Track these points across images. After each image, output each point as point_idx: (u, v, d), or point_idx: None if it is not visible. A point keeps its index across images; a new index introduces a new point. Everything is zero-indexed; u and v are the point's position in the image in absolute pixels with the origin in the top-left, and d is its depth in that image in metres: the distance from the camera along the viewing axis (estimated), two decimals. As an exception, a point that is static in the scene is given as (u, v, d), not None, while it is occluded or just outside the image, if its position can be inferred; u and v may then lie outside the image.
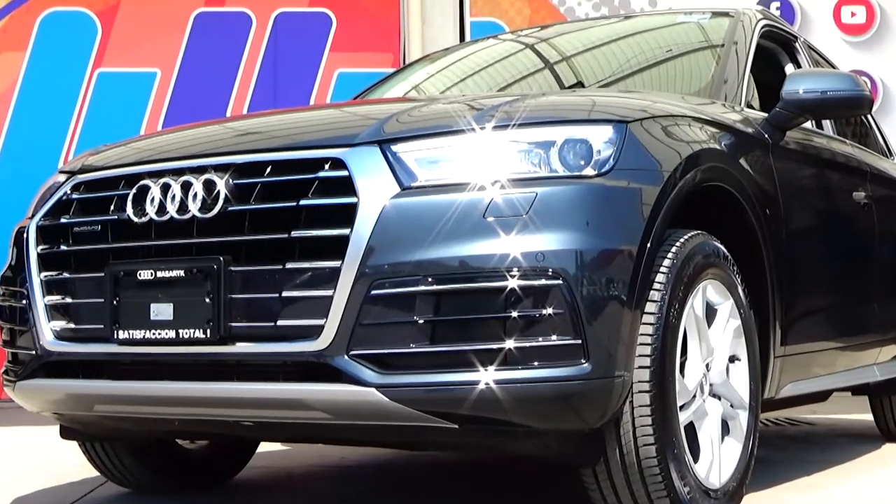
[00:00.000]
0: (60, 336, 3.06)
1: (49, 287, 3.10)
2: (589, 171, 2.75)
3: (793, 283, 3.53)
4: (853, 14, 7.32)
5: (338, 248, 2.68)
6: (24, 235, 3.18)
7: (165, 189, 2.93)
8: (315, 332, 2.67)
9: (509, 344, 2.60)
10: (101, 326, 2.95)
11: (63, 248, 3.11)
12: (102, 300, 2.95)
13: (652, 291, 2.80)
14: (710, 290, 3.07)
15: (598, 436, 2.78)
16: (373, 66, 7.24)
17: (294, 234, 2.73)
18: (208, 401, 2.86)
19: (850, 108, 3.82)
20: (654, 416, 2.76)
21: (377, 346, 2.65)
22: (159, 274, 2.86)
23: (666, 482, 2.79)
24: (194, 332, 2.80)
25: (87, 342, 3.02)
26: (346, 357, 2.65)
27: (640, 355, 2.75)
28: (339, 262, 2.66)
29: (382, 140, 2.79)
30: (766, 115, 3.74)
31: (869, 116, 5.04)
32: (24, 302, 3.14)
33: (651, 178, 2.86)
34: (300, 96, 7.32)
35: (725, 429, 3.14)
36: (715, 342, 3.09)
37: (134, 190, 2.99)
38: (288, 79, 7.39)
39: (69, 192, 3.18)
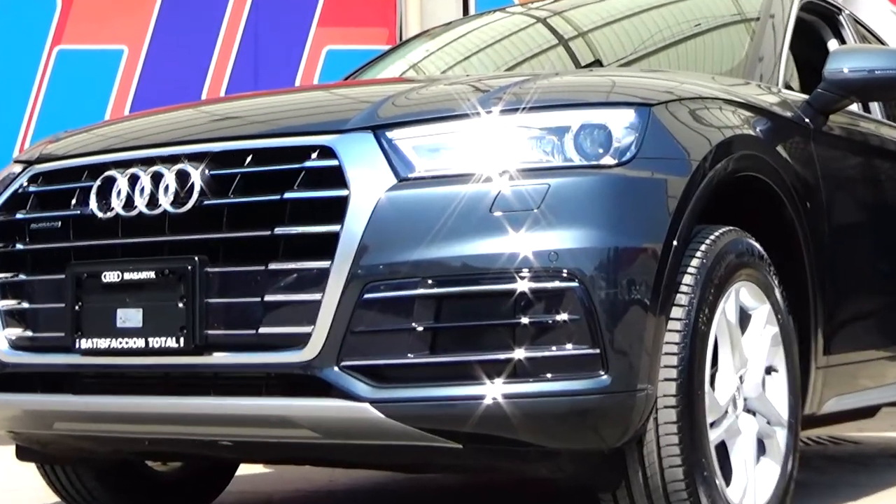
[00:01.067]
0: (16, 345, 3.06)
1: (3, 290, 3.10)
2: (608, 160, 2.75)
3: (837, 285, 3.53)
4: (904, -16, 7.31)
5: (327, 246, 2.68)
6: (-25, 233, 3.19)
7: (133, 181, 2.93)
8: (301, 340, 2.67)
9: (519, 354, 2.60)
10: (62, 335, 2.95)
11: (19, 246, 3.11)
12: (63, 305, 2.95)
13: (679, 295, 2.80)
14: (743, 293, 3.07)
15: (618, 457, 2.78)
16: (366, 43, 7.24)
17: (278, 230, 2.73)
18: (182, 418, 2.86)
19: (901, 89, 3.81)
20: (682, 435, 2.76)
21: (371, 356, 2.65)
22: (127, 276, 2.86)
23: (694, 508, 2.79)
24: (166, 341, 2.80)
25: (47, 352, 3.02)
26: (336, 368, 2.65)
27: (665, 366, 2.75)
28: (329, 263, 2.66)
29: (377, 126, 2.79)
30: (806, 97, 3.74)
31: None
32: (-26, 308, 3.14)
33: (677, 167, 2.86)
34: (284, 77, 7.32)
35: (761, 448, 3.14)
36: (749, 351, 3.09)
37: (98, 182, 2.99)
38: (271, 57, 7.39)
39: (25, 184, 3.18)
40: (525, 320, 2.61)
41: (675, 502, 2.79)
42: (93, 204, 2.98)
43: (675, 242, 2.78)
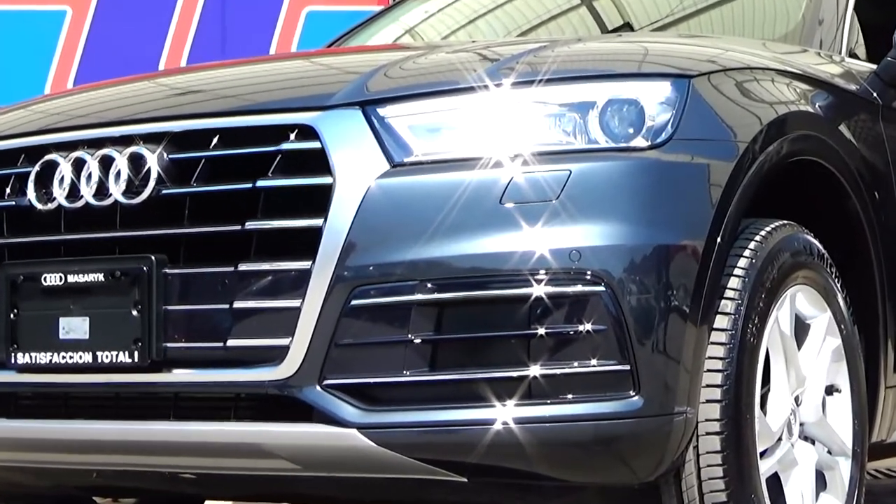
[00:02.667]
0: (-60, 361, 3.06)
1: (-75, 296, 3.10)
2: (640, 142, 2.75)
3: (911, 290, 3.53)
4: None
5: (307, 243, 2.68)
6: None
7: (79, 166, 2.92)
8: (277, 354, 2.68)
9: (534, 371, 2.61)
10: (-6, 348, 2.95)
11: (-57, 243, 3.11)
12: (-5, 313, 2.95)
13: (723, 301, 2.80)
14: (800, 300, 3.07)
15: (652, 492, 2.78)
16: (352, 3, 7.24)
17: (249, 225, 2.73)
18: (136, 446, 2.86)
19: None
20: (727, 467, 2.76)
21: (359, 373, 2.65)
22: (71, 278, 2.86)
23: (742, 553, 2.80)
24: (117, 356, 2.80)
25: (-25, 369, 3.02)
26: (318, 388, 2.65)
27: (707, 385, 2.75)
28: (310, 263, 2.67)
29: (366, 101, 2.79)
30: (874, 67, 3.74)
31: None
32: None
33: (722, 150, 2.87)
34: (257, 43, 7.32)
35: (821, 482, 3.14)
36: (807, 368, 3.09)
37: (37, 167, 2.99)
38: (240, 20, 7.39)
39: (-49, 169, 3.18)
40: (542, 331, 2.61)
41: (719, 546, 2.80)
42: (30, 193, 2.97)
43: (719, 239, 2.78)
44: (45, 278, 2.89)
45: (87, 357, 2.83)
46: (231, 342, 2.73)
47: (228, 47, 7.29)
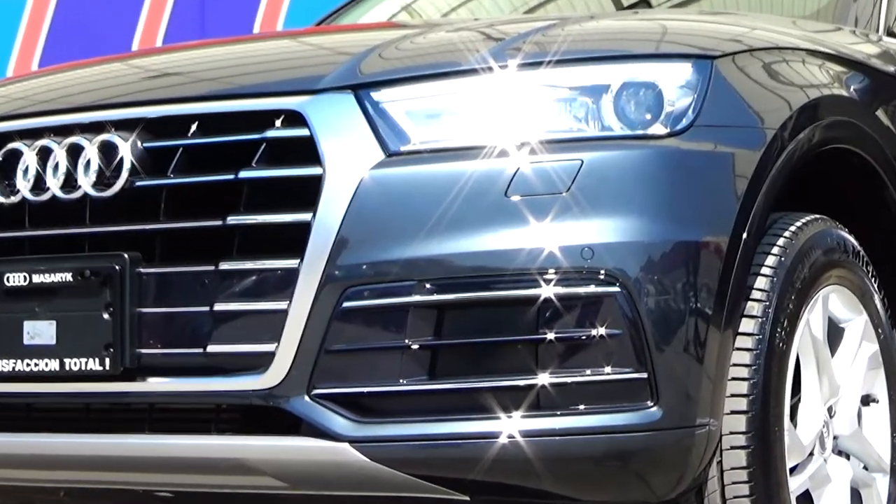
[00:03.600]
0: None
1: None
2: (658, 129, 2.75)
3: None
4: None
5: (295, 240, 2.68)
6: None
7: (45, 155, 2.93)
8: (262, 362, 2.68)
9: (543, 379, 2.61)
10: (-48, 354, 2.96)
11: None
12: (-47, 316, 2.96)
13: (750, 303, 2.81)
14: (833, 301, 3.08)
15: (672, 512, 2.79)
16: (344, -22, 7.24)
17: (231, 220, 2.74)
18: (107, 461, 2.86)
19: None
20: (754, 484, 2.76)
21: (352, 381, 2.65)
22: (36, 278, 2.86)
23: (770, 579, 2.81)
24: (87, 363, 2.80)
25: (-68, 377, 3.03)
26: (306, 398, 2.66)
27: (732, 395, 2.76)
28: (297, 261, 2.67)
29: (359, 84, 2.79)
30: (915, 46, 3.75)
31: None
32: None
33: (748, 138, 2.87)
34: (239, 21, 7.33)
35: (856, 500, 3.14)
36: (841, 376, 3.10)
37: (-1, 157, 3.00)
38: (221, -4, 7.40)
39: None
40: (551, 336, 2.61)
41: (745, 571, 2.80)
42: (-8, 185, 2.98)
43: (744, 235, 2.78)
44: (7, 278, 2.88)
45: (53, 364, 2.83)
46: (211, 348, 2.73)
47: (208, 26, 7.29)
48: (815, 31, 3.47)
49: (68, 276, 2.83)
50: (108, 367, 2.78)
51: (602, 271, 2.63)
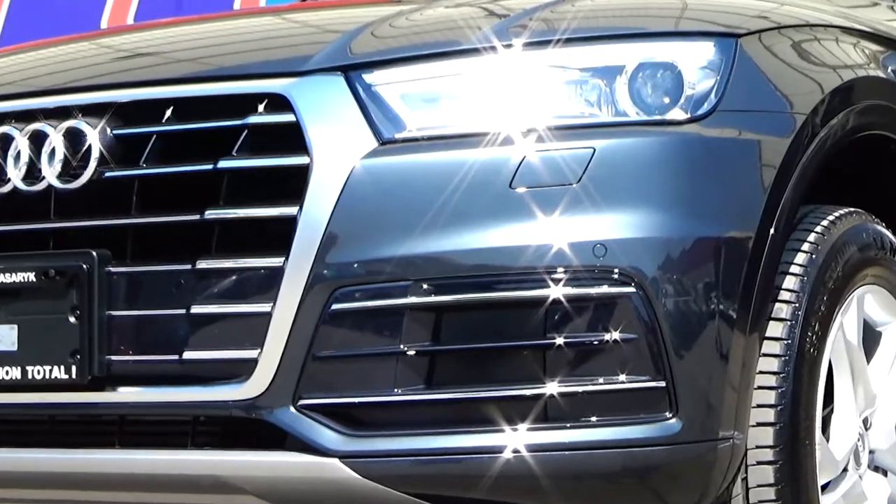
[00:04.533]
0: None
1: None
2: (677, 114, 2.76)
3: None
4: None
5: (279, 236, 2.69)
6: None
7: (4, 144, 2.93)
8: (244, 369, 2.68)
9: (551, 388, 2.61)
10: None
11: None
12: None
13: (778, 304, 2.81)
14: (870, 303, 3.08)
15: (692, 533, 2.80)
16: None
17: (210, 214, 2.74)
18: (75, 479, 2.87)
19: None
20: (782, 502, 2.76)
21: (341, 391, 2.66)
22: (-4, 279, 2.87)
23: None
24: (52, 371, 2.80)
25: None
26: (292, 409, 2.66)
27: (758, 406, 2.76)
28: (282, 260, 2.67)
29: (349, 66, 2.80)
30: (959, 23, 3.75)
31: None
32: None
33: (776, 124, 2.87)
34: (218, -3, 7.34)
35: (895, 521, 3.16)
36: (878, 385, 3.10)
37: (-46, 145, 3.00)
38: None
39: None
40: (560, 341, 2.61)
41: None
42: (-54, 177, 2.99)
43: (772, 230, 2.79)
44: (-36, 279, 2.90)
45: (14, 373, 2.84)
46: (188, 354, 2.73)
47: (185, 2, 7.29)
48: (850, 6, 3.48)
49: (31, 276, 2.83)
50: (74, 376, 2.78)
51: (616, 270, 2.63)
